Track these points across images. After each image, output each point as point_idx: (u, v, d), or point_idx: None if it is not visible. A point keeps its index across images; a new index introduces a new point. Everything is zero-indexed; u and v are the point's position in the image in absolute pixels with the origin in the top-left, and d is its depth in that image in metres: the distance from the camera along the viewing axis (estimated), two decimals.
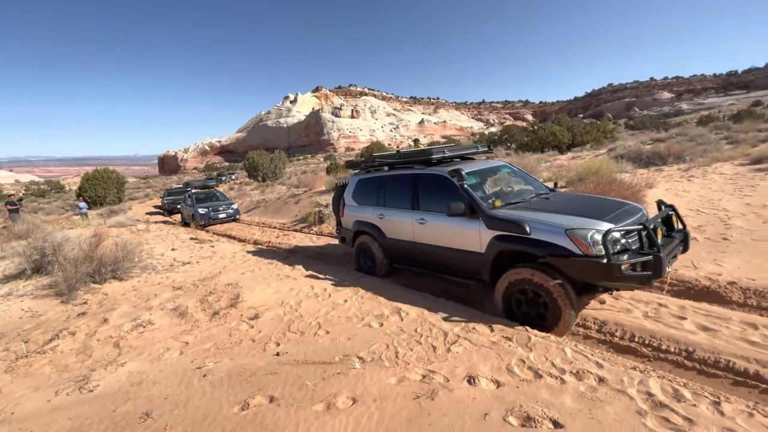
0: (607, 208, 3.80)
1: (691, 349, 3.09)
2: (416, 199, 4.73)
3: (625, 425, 2.06)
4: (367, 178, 5.59)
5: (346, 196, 5.89)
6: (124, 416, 2.55)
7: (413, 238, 4.70)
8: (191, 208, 13.67)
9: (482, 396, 2.46)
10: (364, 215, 5.45)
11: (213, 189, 16.02)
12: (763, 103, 56.11)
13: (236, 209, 13.92)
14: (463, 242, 4.09)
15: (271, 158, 35.54)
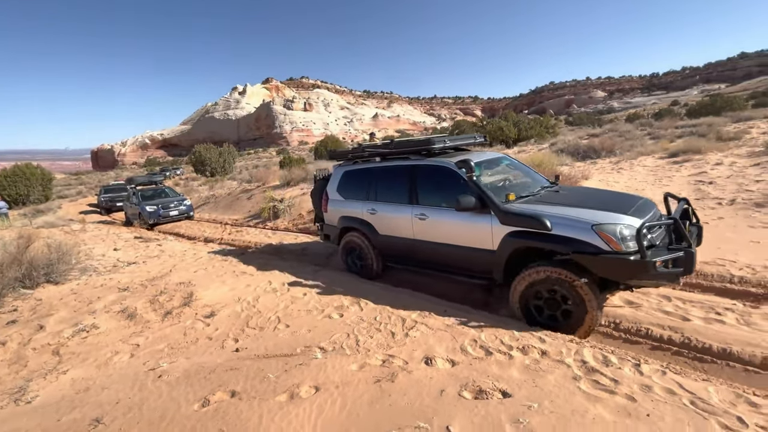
0: (624, 202, 3.61)
1: (618, 321, 3.49)
2: (415, 192, 4.36)
3: (563, 390, 2.31)
4: (355, 169, 5.11)
5: (329, 189, 5.39)
6: (71, 425, 2.42)
7: (412, 235, 4.35)
8: (137, 206, 12.54)
9: (439, 375, 2.63)
10: (352, 210, 5.02)
11: (161, 184, 14.91)
12: (679, 103, 62.58)
13: (189, 205, 13.01)
14: (471, 239, 3.80)
15: (220, 152, 33.86)
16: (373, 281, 4.70)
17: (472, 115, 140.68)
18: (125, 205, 14.14)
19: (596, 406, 2.13)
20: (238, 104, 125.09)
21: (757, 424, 1.92)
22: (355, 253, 5.11)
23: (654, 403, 2.13)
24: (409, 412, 2.24)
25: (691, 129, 16.82)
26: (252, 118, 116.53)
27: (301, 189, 11.46)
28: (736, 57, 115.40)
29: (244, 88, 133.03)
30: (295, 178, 12.52)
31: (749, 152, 9.50)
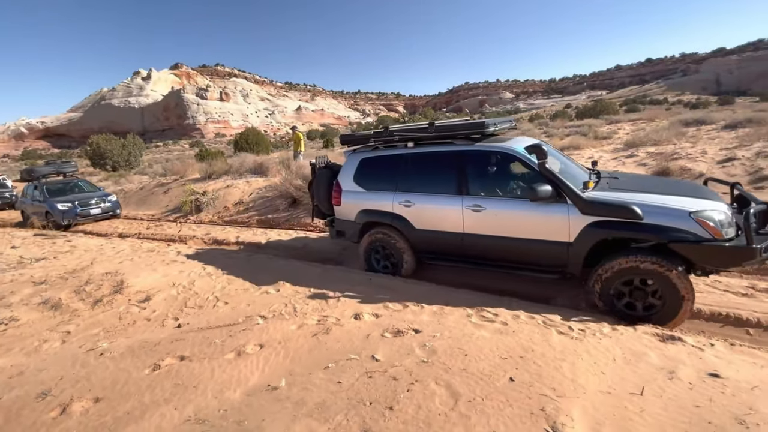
0: (697, 188, 3.63)
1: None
2: (465, 181, 3.99)
3: (459, 324, 3.04)
4: (377, 156, 4.61)
5: (342, 179, 4.82)
6: (15, 400, 2.50)
7: (462, 228, 3.99)
8: (42, 203, 10.35)
9: (365, 325, 3.20)
10: (378, 203, 4.52)
11: (73, 176, 12.51)
12: (572, 106, 71.79)
13: (116, 202, 10.99)
14: (542, 231, 3.58)
15: (123, 143, 30.49)
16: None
17: (395, 111, 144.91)
18: (20, 202, 11.89)
19: (480, 330, 2.88)
20: (141, 91, 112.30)
21: (580, 329, 2.83)
22: (383, 251, 4.61)
23: (519, 324, 2.95)
24: (342, 352, 2.77)
25: (577, 129, 19.79)
26: (159, 107, 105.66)
27: (225, 182, 11.21)
28: (613, 68, 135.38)
29: (148, 73, 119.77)
30: (218, 171, 12.15)
31: (613, 149, 11.71)
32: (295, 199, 8.39)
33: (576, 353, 2.42)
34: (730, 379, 2.10)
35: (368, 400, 2.07)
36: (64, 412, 2.35)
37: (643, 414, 1.84)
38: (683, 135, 12.21)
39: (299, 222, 7.71)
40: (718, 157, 8.05)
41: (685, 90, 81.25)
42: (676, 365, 2.27)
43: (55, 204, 9.99)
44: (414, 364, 2.41)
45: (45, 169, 12.00)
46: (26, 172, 12.06)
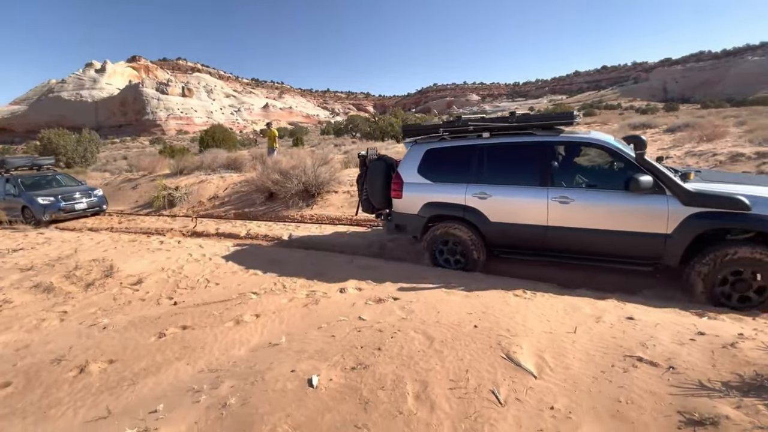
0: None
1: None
2: (550, 173, 3.93)
3: (433, 292, 3.51)
4: (447, 147, 4.49)
5: (404, 171, 4.65)
6: (31, 366, 2.72)
7: (545, 221, 3.91)
8: (17, 197, 9.57)
9: (350, 296, 3.61)
10: (447, 195, 4.37)
11: (50, 169, 11.62)
12: (534, 109, 75.17)
13: (102, 197, 10.25)
14: (639, 223, 3.55)
15: (79, 139, 28.98)
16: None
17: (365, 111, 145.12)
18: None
19: (450, 296, 3.37)
20: (95, 84, 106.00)
21: (531, 292, 3.38)
22: (451, 246, 4.44)
23: (483, 291, 3.47)
24: (331, 316, 3.17)
25: None
26: (116, 101, 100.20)
27: (198, 177, 11.19)
28: (572, 74, 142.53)
29: (103, 65, 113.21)
30: (189, 167, 12.07)
31: None
32: (272, 193, 8.63)
33: (527, 308, 2.96)
34: (641, 320, 2.69)
35: (359, 345, 2.49)
36: (82, 372, 2.62)
37: (575, 344, 2.38)
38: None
39: (277, 215, 7.97)
40: (654, 155, 9.09)
41: (636, 96, 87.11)
42: (603, 313, 2.84)
43: (34, 198, 9.26)
44: (395, 320, 2.86)
45: (18, 161, 11.15)
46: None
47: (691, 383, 1.88)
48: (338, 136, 37.97)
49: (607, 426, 1.68)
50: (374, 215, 5.32)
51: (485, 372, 2.10)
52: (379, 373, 2.14)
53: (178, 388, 2.28)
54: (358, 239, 6.03)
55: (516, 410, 1.80)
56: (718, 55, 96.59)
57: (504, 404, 1.85)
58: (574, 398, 1.87)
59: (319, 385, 2.05)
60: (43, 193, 9.60)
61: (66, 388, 2.45)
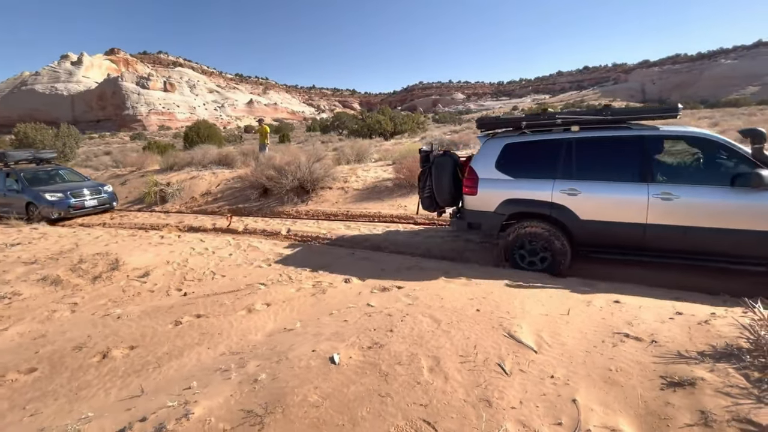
0: None
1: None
2: (650, 168, 3.77)
3: (435, 281, 3.73)
4: (532, 141, 4.28)
5: (478, 166, 4.43)
6: (53, 353, 2.82)
7: (644, 219, 3.74)
8: (21, 193, 8.95)
9: (355, 286, 3.80)
10: (531, 192, 4.17)
11: (53, 163, 10.86)
12: (518, 108, 76.38)
13: (112, 193, 9.76)
14: (757, 221, 3.43)
15: (57, 134, 28.15)
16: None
17: (351, 108, 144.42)
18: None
19: (451, 284, 3.59)
20: (71, 77, 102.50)
21: (528, 281, 3.63)
22: (532, 245, 4.19)
23: (481, 280, 3.71)
24: (340, 304, 3.35)
25: None
26: (93, 95, 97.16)
27: (189, 173, 11.14)
28: (555, 74, 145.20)
29: (79, 57, 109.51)
30: (179, 163, 11.99)
31: None
32: (267, 189, 8.70)
33: (524, 294, 3.20)
34: (627, 303, 2.96)
35: (372, 328, 2.68)
36: (105, 357, 2.74)
37: (568, 324, 2.63)
38: None
39: (272, 210, 8.06)
40: None
41: (616, 97, 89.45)
42: (593, 298, 3.11)
43: (41, 194, 8.70)
44: (402, 306, 3.06)
45: (19, 154, 10.40)
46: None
47: (671, 354, 2.14)
48: (324, 133, 37.85)
49: (600, 389, 1.92)
50: (436, 213, 5.16)
51: (491, 348, 2.32)
52: (394, 351, 2.33)
53: (205, 369, 2.43)
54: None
55: (521, 379, 2.03)
56: (693, 57, 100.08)
57: (510, 374, 2.07)
58: (571, 368, 2.11)
59: (340, 362, 2.24)
60: (49, 189, 9.05)
61: (92, 372, 2.57)
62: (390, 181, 8.44)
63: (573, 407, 1.80)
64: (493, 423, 1.72)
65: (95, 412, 2.08)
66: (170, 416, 1.84)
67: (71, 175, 10.48)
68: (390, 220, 6.67)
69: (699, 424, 1.62)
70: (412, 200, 7.48)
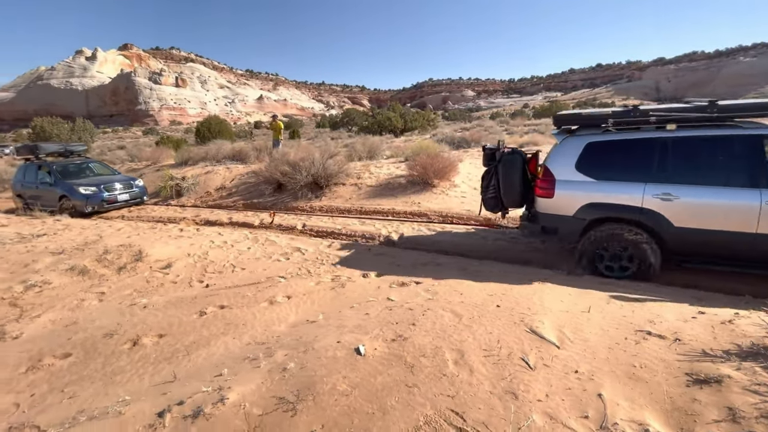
0: None
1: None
2: (764, 172, 3.44)
3: (453, 278, 3.76)
4: (619, 141, 3.94)
5: (555, 167, 4.14)
6: (86, 339, 2.92)
7: (754, 228, 3.43)
8: (54, 186, 8.84)
9: (374, 281, 3.85)
10: (617, 196, 3.86)
11: (82, 156, 10.80)
12: (529, 106, 75.60)
13: (143, 188, 9.65)
14: None
15: (73, 128, 28.75)
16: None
17: (360, 105, 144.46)
18: (17, 184, 10.00)
19: (468, 280, 3.62)
20: (86, 72, 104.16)
21: (546, 276, 3.65)
22: (617, 252, 3.90)
23: (499, 274, 3.73)
24: (360, 297, 3.40)
25: (535, 127, 21.37)
26: (107, 90, 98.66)
27: (203, 168, 11.30)
28: (567, 71, 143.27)
29: (93, 52, 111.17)
30: (194, 157, 12.16)
31: None
32: (281, 184, 8.80)
33: (543, 290, 3.22)
34: (647, 302, 2.97)
35: (394, 321, 2.73)
36: (136, 344, 2.83)
37: (589, 321, 2.65)
38: None
39: (286, 206, 8.16)
40: None
41: (630, 95, 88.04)
42: (613, 296, 3.12)
43: (75, 188, 8.59)
44: (423, 301, 3.10)
45: (51, 147, 10.30)
46: (28, 148, 10.13)
47: (695, 352, 2.15)
48: (334, 129, 37.93)
49: (625, 385, 1.94)
50: (500, 215, 4.89)
51: (513, 343, 2.35)
52: (418, 343, 2.38)
53: (233, 358, 2.51)
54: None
55: (545, 373, 2.06)
56: (711, 55, 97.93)
57: (534, 368, 2.10)
58: (594, 364, 2.13)
59: (366, 353, 2.29)
60: (83, 182, 8.97)
61: (125, 358, 2.66)
62: (403, 177, 8.48)
63: (599, 401, 1.83)
64: (520, 414, 1.76)
65: (131, 395, 2.16)
66: (206, 400, 1.91)
67: (101, 168, 10.37)
68: (405, 218, 6.71)
69: (727, 420, 1.63)
70: (425, 197, 7.51)
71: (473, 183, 8.48)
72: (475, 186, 8.23)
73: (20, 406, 2.23)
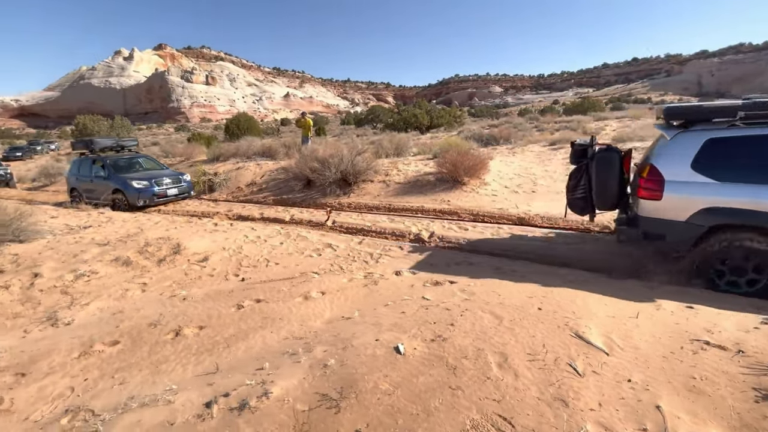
0: None
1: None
2: None
3: (486, 277, 3.68)
4: (750, 137, 3.46)
5: (665, 166, 3.68)
6: (132, 328, 3.04)
7: None
8: (108, 180, 9.12)
9: (407, 279, 3.82)
10: (746, 201, 3.39)
11: (132, 151, 11.10)
12: (559, 102, 73.36)
13: (190, 182, 9.77)
14: None
15: (112, 125, 30.22)
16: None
17: (385, 101, 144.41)
18: (71, 178, 10.24)
19: (505, 280, 3.53)
20: (123, 71, 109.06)
21: (585, 277, 3.50)
22: (742, 263, 3.46)
23: (535, 275, 3.61)
24: (394, 296, 3.38)
25: (566, 124, 20.68)
26: (142, 88, 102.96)
27: (234, 164, 11.59)
28: (600, 66, 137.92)
29: (130, 53, 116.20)
30: (225, 154, 12.50)
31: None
32: (310, 180, 8.90)
33: (585, 293, 3.10)
34: (701, 310, 2.80)
35: (432, 321, 2.68)
36: (178, 335, 2.91)
37: (639, 328, 2.51)
38: None
39: (315, 202, 8.24)
40: None
41: (667, 90, 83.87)
42: (662, 302, 2.96)
43: (129, 181, 8.82)
44: (459, 301, 3.04)
45: (105, 141, 10.55)
46: (84, 143, 10.48)
47: (762, 365, 2.00)
48: (359, 126, 38.04)
49: (685, 397, 1.82)
50: (588, 217, 4.43)
51: (558, 348, 2.26)
52: (458, 344, 2.33)
53: (272, 352, 2.54)
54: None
55: (595, 381, 1.97)
56: (759, 47, 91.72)
57: (583, 375, 2.01)
58: (649, 374, 2.02)
59: (406, 352, 2.26)
60: (135, 176, 9.16)
61: (169, 347, 2.74)
62: (432, 175, 8.39)
63: (657, 414, 1.72)
64: (572, 423, 1.68)
65: (177, 384, 2.22)
66: (251, 394, 1.94)
67: (149, 162, 10.55)
68: (435, 215, 6.64)
69: None
70: (455, 195, 7.40)
71: (504, 181, 8.29)
72: (506, 184, 8.05)
73: (74, 390, 2.33)
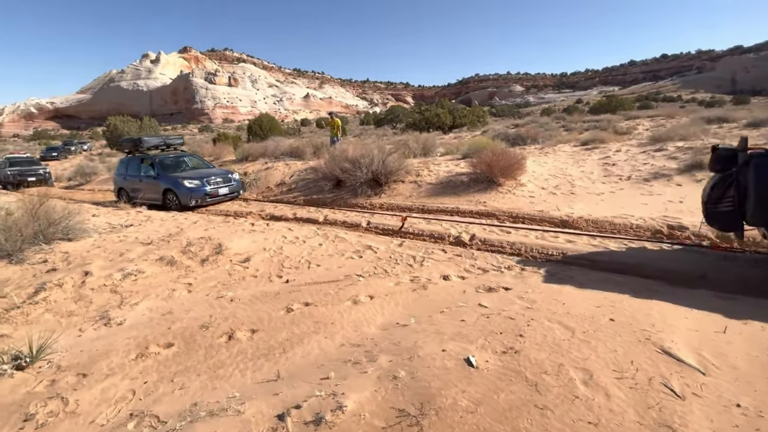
0: None
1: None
2: None
3: (540, 284, 3.50)
4: None
5: None
6: (184, 330, 3.00)
7: None
8: (157, 179, 8.87)
9: (457, 284, 3.67)
10: None
11: (178, 149, 10.77)
12: (582, 101, 71.44)
13: (239, 181, 9.50)
14: None
15: (141, 125, 31.17)
16: None
17: (404, 101, 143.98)
18: (119, 178, 10.08)
19: (564, 287, 3.34)
20: (150, 74, 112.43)
21: (656, 287, 3.28)
22: None
23: (597, 284, 3.41)
24: (447, 302, 3.23)
25: (595, 123, 20.01)
26: (168, 90, 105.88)
27: (263, 164, 11.67)
28: (626, 64, 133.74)
29: (157, 56, 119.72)
30: (254, 154, 12.61)
31: (638, 143, 12.03)
32: (340, 180, 8.84)
33: (659, 304, 2.88)
34: None
35: (498, 331, 2.53)
36: (231, 338, 2.85)
37: (730, 344, 2.30)
38: (707, 132, 12.49)
39: (346, 202, 8.17)
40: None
41: (699, 88, 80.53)
42: (748, 316, 2.72)
43: (180, 181, 8.50)
44: (521, 309, 2.88)
45: (153, 140, 10.22)
46: (131, 142, 10.25)
47: None
48: (378, 126, 37.94)
49: None
50: (735, 234, 3.80)
51: (646, 365, 2.08)
52: (534, 358, 2.17)
53: (332, 359, 2.44)
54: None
55: (699, 405, 1.78)
56: None
57: (683, 398, 1.83)
58: (758, 398, 1.82)
59: (478, 365, 2.12)
60: (186, 175, 8.82)
61: (224, 351, 2.68)
62: (464, 175, 8.19)
63: None
64: None
65: (240, 392, 2.15)
66: (323, 406, 1.84)
67: (195, 160, 10.22)
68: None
69: None
70: (491, 196, 7.19)
71: (539, 182, 8.02)
72: (542, 186, 7.78)
73: (136, 393, 2.29)
